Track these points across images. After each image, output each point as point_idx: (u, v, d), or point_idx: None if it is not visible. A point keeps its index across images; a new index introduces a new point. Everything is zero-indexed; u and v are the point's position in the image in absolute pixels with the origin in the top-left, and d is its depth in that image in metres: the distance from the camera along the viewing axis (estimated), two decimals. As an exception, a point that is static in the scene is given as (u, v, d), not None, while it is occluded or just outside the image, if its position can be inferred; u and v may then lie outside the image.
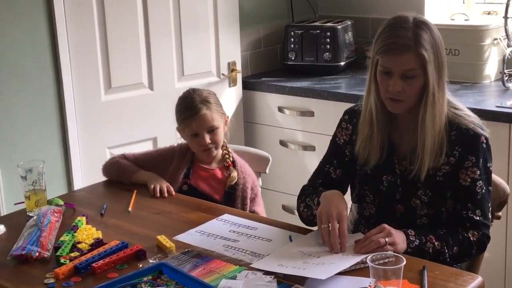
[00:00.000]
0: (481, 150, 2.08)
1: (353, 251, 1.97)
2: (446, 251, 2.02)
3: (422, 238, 2.01)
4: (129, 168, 2.64)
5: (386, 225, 1.97)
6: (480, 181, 2.08)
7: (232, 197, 2.62)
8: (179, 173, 2.65)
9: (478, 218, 2.07)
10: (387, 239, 1.93)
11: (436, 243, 2.02)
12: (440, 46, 2.06)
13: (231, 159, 2.66)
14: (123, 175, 2.64)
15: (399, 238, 1.97)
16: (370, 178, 2.21)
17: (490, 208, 2.13)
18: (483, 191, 2.09)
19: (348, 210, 2.12)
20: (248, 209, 2.63)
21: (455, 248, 2.03)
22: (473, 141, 2.08)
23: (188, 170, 2.66)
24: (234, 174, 2.62)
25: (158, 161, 2.70)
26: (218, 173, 2.65)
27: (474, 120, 2.12)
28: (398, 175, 2.16)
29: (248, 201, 2.64)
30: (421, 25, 2.02)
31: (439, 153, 2.07)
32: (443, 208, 2.14)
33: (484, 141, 2.10)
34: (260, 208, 2.69)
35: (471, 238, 2.05)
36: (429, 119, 2.04)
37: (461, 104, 2.18)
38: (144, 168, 2.68)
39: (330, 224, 1.98)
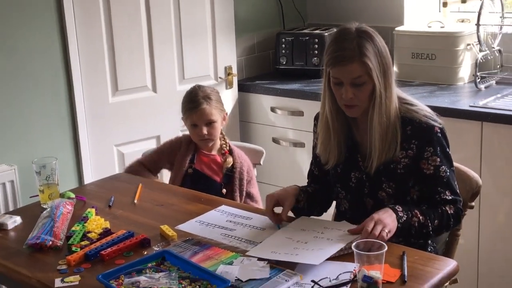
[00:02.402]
0: (436, 140, 2.08)
1: (338, 237, 1.97)
2: (430, 224, 2.02)
3: (409, 213, 2.00)
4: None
5: (375, 216, 1.94)
6: (443, 166, 2.08)
7: (231, 179, 2.71)
8: (185, 159, 2.72)
9: (450, 197, 2.08)
10: (386, 230, 1.91)
11: (421, 217, 2.01)
12: (383, 51, 2.04)
13: (227, 147, 2.75)
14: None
15: (389, 220, 1.94)
16: (340, 176, 2.21)
17: (457, 185, 2.12)
18: (447, 174, 2.09)
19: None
20: (245, 189, 2.71)
21: (436, 221, 2.04)
22: (427, 133, 2.08)
23: (193, 156, 2.73)
24: (230, 159, 2.72)
25: (170, 151, 2.78)
26: (218, 158, 2.74)
27: (426, 113, 2.11)
28: (363, 171, 2.16)
29: (245, 182, 2.72)
30: (363, 35, 2.02)
31: (392, 147, 2.07)
32: (408, 198, 2.13)
33: (438, 130, 2.09)
34: (256, 190, 2.78)
35: (449, 211, 2.06)
36: (376, 119, 2.04)
37: (415, 99, 2.17)
38: (160, 161, 2.79)
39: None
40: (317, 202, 2.27)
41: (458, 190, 2.12)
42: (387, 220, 1.94)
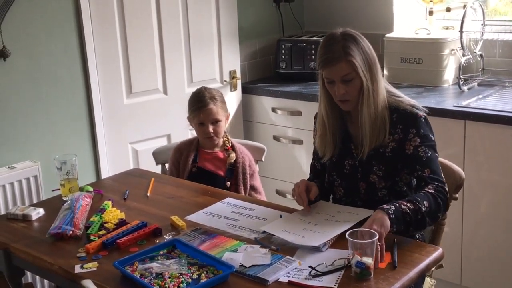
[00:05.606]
0: (420, 123, 2.07)
1: (345, 220, 1.97)
2: (421, 206, 1.90)
3: (395, 204, 1.90)
4: None
5: (377, 230, 1.78)
6: (422, 147, 2.04)
7: (233, 173, 2.67)
8: (188, 160, 2.69)
9: (427, 175, 2.01)
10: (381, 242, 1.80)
11: (408, 204, 1.90)
12: (367, 49, 2.05)
13: (230, 144, 2.72)
14: None
15: (383, 221, 1.83)
16: (336, 165, 2.21)
17: (441, 171, 2.05)
18: (428, 154, 2.03)
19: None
20: (248, 182, 2.68)
21: (425, 202, 1.91)
22: (411, 118, 2.07)
23: (195, 156, 2.70)
24: (233, 154, 2.68)
25: (177, 165, 2.73)
26: (220, 154, 2.71)
27: (411, 103, 2.12)
28: (356, 158, 2.16)
29: (248, 176, 2.68)
30: (347, 37, 2.04)
31: (381, 134, 2.07)
32: (398, 178, 2.11)
33: (422, 116, 2.09)
34: (258, 183, 2.75)
35: (430, 191, 1.97)
36: (365, 109, 2.06)
37: (402, 93, 2.18)
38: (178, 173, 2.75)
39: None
40: (322, 194, 2.27)
41: (441, 173, 2.04)
42: (383, 222, 1.82)
